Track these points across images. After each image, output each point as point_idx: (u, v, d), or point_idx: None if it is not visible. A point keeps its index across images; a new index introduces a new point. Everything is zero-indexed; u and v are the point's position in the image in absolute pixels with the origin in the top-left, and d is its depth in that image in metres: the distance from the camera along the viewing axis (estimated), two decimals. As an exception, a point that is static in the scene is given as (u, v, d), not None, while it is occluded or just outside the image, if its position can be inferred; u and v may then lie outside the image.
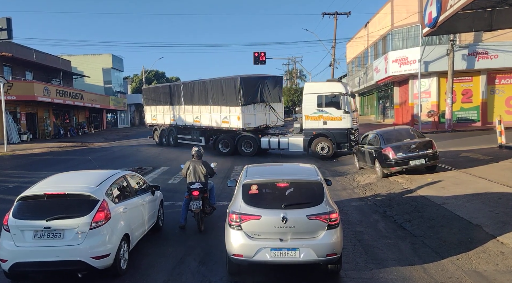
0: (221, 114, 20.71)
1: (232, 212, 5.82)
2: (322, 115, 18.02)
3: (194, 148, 9.08)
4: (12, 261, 5.76)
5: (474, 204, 8.98)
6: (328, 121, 17.94)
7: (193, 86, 22.74)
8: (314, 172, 6.53)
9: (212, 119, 21.42)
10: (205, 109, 21.88)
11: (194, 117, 22.86)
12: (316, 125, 18.14)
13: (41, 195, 6.10)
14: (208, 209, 8.67)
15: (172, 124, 25.07)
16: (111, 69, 53.95)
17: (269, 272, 6.29)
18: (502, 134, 16.18)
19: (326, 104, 17.91)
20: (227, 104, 20.14)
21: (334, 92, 17.70)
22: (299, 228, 5.60)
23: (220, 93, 20.47)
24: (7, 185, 14.11)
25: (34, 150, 25.35)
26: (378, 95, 39.15)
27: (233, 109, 19.83)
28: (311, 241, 5.59)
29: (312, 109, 18.16)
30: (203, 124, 22.23)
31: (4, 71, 31.38)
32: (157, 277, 6.26)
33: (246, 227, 5.67)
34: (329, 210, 5.71)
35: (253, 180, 6.11)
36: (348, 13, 34.41)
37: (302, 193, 6.03)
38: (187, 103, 23.24)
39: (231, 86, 19.68)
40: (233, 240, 5.71)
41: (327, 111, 17.92)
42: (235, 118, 19.81)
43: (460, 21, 15.44)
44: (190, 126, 23.34)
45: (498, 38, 24.32)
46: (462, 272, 6.04)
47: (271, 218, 5.61)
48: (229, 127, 20.28)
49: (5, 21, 21.25)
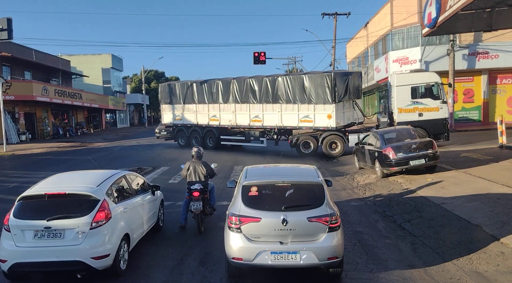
0: (299, 112, 19.29)
1: (231, 214, 5.74)
2: (418, 107, 17.59)
3: (194, 148, 9.01)
4: (11, 262, 5.74)
5: (474, 204, 8.98)
6: (424, 112, 17.51)
7: (251, 83, 20.75)
8: (315, 173, 6.44)
9: (282, 119, 19.88)
10: (271, 107, 20.22)
11: (251, 116, 20.93)
12: (411, 117, 17.55)
13: (42, 195, 6.09)
14: (208, 210, 8.66)
15: (211, 124, 22.66)
16: (110, 69, 53.92)
17: (269, 274, 6.28)
18: (503, 134, 16.18)
19: (422, 95, 17.58)
20: (311, 102, 18.80)
21: (430, 82, 17.41)
22: (299, 230, 5.51)
23: (300, 90, 19.03)
24: (8, 185, 14.10)
25: (34, 150, 25.32)
26: (379, 94, 39.16)
27: (320, 107, 18.63)
28: (311, 244, 5.50)
29: (406, 101, 17.69)
30: (266, 124, 20.53)
31: (3, 71, 31.35)
32: (157, 277, 6.25)
33: (246, 229, 5.58)
34: (330, 212, 5.62)
35: (253, 182, 6.02)
36: (348, 14, 34.42)
37: (303, 195, 5.95)
38: (240, 102, 21.18)
39: (320, 82, 18.47)
40: (233, 243, 5.61)
41: (422, 102, 17.55)
42: (323, 117, 18.59)
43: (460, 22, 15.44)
44: (245, 127, 21.47)
45: (498, 38, 24.33)
46: (463, 273, 6.03)
47: (271, 221, 5.52)
48: (313, 126, 19.04)
49: (5, 21, 21.26)
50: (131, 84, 67.22)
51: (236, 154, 20.72)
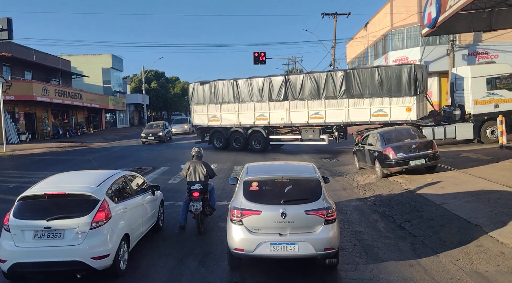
0: (371, 107, 18.73)
1: (233, 207, 6.02)
2: (493, 98, 17.64)
3: (194, 148, 9.03)
4: (11, 262, 5.74)
5: (474, 204, 8.98)
6: (500, 103, 17.59)
7: (309, 79, 19.87)
8: (312, 170, 6.72)
9: (350, 114, 19.17)
10: (335, 103, 19.41)
11: (310, 113, 19.98)
12: (487, 109, 17.63)
13: (42, 195, 6.09)
14: (208, 211, 8.67)
15: (258, 124, 21.29)
16: (110, 69, 53.89)
17: (269, 273, 6.28)
18: (503, 134, 16.18)
19: (498, 87, 17.60)
20: (386, 95, 18.42)
21: (505, 73, 17.49)
22: (297, 223, 5.79)
23: (373, 83, 18.54)
24: (8, 185, 14.10)
25: (34, 150, 25.32)
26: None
27: (397, 100, 18.23)
28: (309, 235, 5.78)
29: (482, 93, 17.67)
30: (329, 120, 19.68)
31: (4, 71, 31.36)
32: (156, 278, 6.25)
33: (247, 222, 5.86)
34: (326, 206, 5.91)
35: (253, 177, 6.32)
36: (348, 14, 34.44)
37: (301, 190, 6.22)
38: (295, 99, 20.19)
39: (398, 74, 18.09)
40: (235, 235, 5.89)
41: (498, 93, 17.60)
42: (400, 110, 18.15)
43: (460, 22, 15.47)
44: (302, 124, 20.34)
45: (498, 38, 24.35)
46: (463, 273, 6.03)
47: (270, 214, 5.81)
48: (389, 120, 18.39)
49: (6, 21, 21.27)
50: (131, 84, 67.15)
51: (236, 154, 20.72)
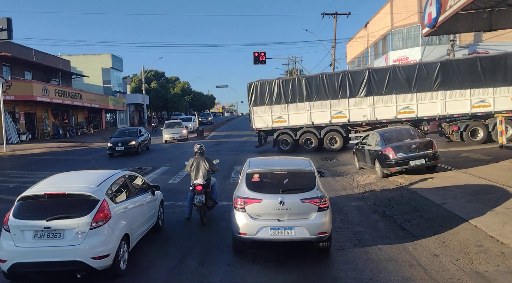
0: (471, 98, 18.24)
1: (237, 196, 6.76)
2: None
3: (196, 145, 9.51)
4: (11, 262, 5.74)
5: (474, 204, 8.98)
6: None
7: (397, 71, 19.03)
8: (308, 164, 7.42)
9: (446, 107, 18.60)
10: (429, 96, 18.78)
11: (398, 108, 19.13)
12: None
13: (42, 195, 6.09)
14: (210, 203, 9.14)
15: (335, 122, 20.05)
16: (110, 69, 53.84)
17: (269, 274, 6.29)
18: (503, 134, 16.18)
19: None
20: (489, 86, 17.93)
21: None
22: (294, 210, 6.49)
23: (473, 73, 18.05)
24: (8, 185, 14.11)
25: (34, 150, 25.33)
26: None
27: (502, 90, 17.92)
28: (304, 221, 6.47)
29: None
30: (422, 114, 19.00)
31: (3, 71, 31.35)
32: (156, 278, 6.25)
33: (249, 209, 6.57)
34: (320, 195, 6.61)
35: (255, 170, 7.07)
36: (348, 14, 34.40)
37: (297, 181, 6.95)
38: (381, 94, 19.28)
39: (503, 62, 17.77)
40: (238, 221, 6.59)
41: None
42: (506, 100, 17.88)
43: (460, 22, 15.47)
44: (389, 120, 19.33)
45: (498, 38, 24.36)
46: (463, 273, 6.02)
47: (270, 202, 6.51)
48: (493, 110, 18.04)
49: (5, 21, 21.26)
50: (131, 84, 67.12)
51: (236, 154, 20.72)
